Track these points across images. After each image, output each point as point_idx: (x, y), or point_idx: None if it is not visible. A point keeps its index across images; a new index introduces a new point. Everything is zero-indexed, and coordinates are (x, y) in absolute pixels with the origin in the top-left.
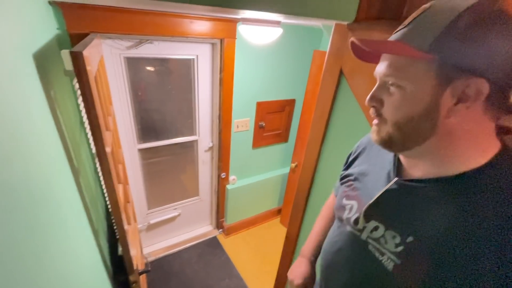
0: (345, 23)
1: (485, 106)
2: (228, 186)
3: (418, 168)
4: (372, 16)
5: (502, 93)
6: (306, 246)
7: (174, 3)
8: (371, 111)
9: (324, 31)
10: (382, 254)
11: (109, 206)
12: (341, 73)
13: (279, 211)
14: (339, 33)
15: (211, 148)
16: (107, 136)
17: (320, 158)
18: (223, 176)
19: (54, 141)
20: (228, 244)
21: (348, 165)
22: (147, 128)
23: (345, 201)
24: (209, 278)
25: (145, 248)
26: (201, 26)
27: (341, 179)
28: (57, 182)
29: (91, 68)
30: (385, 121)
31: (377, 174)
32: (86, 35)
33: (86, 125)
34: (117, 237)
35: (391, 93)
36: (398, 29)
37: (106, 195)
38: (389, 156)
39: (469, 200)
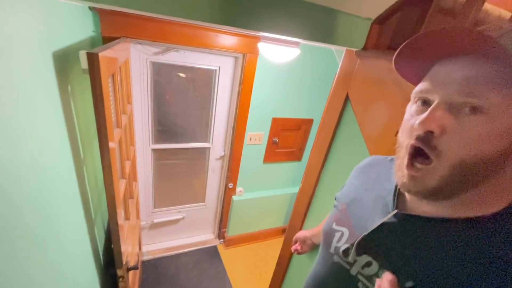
0: (354, 49)
1: None
2: (234, 197)
3: (426, 205)
4: (383, 45)
5: None
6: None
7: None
8: (415, 142)
9: (335, 54)
10: None
11: None
12: (347, 98)
13: (283, 231)
14: (348, 58)
15: (222, 157)
16: (115, 132)
17: (319, 183)
18: (231, 186)
19: (57, 130)
20: (227, 255)
21: (343, 187)
22: (163, 130)
23: (335, 226)
24: (201, 287)
25: (146, 246)
26: (225, 40)
27: (336, 200)
28: (52, 168)
29: (108, 68)
30: (439, 158)
31: (373, 203)
32: (117, 38)
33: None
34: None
35: (465, 121)
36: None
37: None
38: (389, 185)
39: (483, 245)
